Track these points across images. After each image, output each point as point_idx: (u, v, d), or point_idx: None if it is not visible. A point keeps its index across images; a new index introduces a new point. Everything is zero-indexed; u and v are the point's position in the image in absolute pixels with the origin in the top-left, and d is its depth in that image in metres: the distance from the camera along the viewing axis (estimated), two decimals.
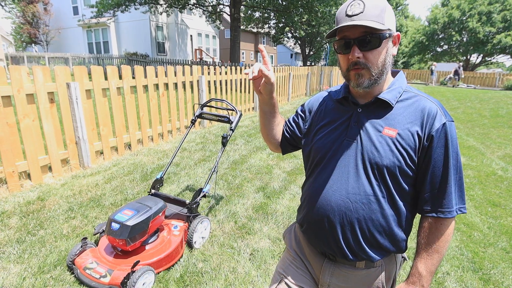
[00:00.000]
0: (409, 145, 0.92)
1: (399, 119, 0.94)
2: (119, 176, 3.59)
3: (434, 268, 0.95)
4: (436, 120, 0.91)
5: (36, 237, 2.39)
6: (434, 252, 0.94)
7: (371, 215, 0.95)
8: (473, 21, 27.19)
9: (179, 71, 5.29)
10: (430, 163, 0.92)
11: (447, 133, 0.91)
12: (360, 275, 1.03)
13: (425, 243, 0.95)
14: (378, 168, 0.93)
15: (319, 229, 1.03)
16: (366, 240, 0.97)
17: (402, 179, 0.94)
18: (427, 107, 0.93)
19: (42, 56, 19.65)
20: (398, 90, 0.98)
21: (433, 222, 0.95)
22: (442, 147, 0.91)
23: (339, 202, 0.97)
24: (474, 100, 13.02)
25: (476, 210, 3.48)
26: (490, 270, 2.43)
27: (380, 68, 0.92)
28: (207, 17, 19.45)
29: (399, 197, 0.95)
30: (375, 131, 0.95)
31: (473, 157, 5.46)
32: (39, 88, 3.24)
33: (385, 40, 0.90)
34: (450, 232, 0.94)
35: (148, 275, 1.92)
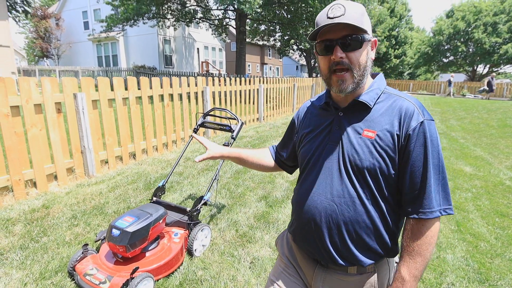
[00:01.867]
0: (388, 146, 0.92)
1: (378, 120, 0.95)
2: (122, 185, 3.62)
3: (418, 273, 0.91)
4: (413, 119, 0.90)
5: (39, 244, 2.41)
6: (416, 255, 0.90)
7: (356, 217, 0.94)
8: (479, 32, 27.19)
9: (184, 82, 5.38)
10: (409, 163, 0.91)
11: (425, 132, 0.90)
12: (353, 281, 1.01)
13: (407, 246, 0.93)
14: (359, 170, 0.93)
15: (307, 233, 1.03)
16: (354, 243, 0.97)
17: (384, 180, 0.93)
18: (404, 107, 0.93)
19: (53, 69, 20.18)
20: (376, 92, 0.98)
21: (414, 223, 0.92)
22: (421, 147, 0.90)
23: (325, 205, 0.97)
24: (481, 110, 12.90)
25: (483, 221, 3.42)
26: (497, 282, 2.37)
27: (362, 69, 0.93)
28: (214, 30, 19.85)
29: (382, 199, 0.95)
30: (355, 133, 0.96)
31: (480, 167, 5.39)
32: (47, 98, 3.32)
33: (365, 42, 0.92)
34: (433, 234, 0.91)
35: (147, 282, 1.92)
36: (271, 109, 8.87)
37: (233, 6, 13.02)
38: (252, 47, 34.50)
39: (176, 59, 23.10)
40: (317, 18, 0.95)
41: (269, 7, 15.65)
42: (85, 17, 23.59)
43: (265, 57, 39.80)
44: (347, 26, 0.89)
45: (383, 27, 29.84)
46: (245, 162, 1.31)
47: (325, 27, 0.90)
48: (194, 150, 5.18)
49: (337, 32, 0.90)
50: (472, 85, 23.09)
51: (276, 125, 7.91)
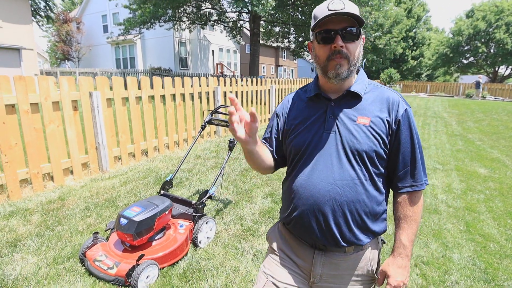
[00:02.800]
0: (381, 130, 1.03)
1: (369, 108, 1.05)
2: (134, 180, 3.75)
3: (414, 237, 1.06)
4: (400, 107, 1.04)
5: (54, 232, 2.55)
6: (412, 222, 1.06)
7: (357, 197, 1.02)
8: (500, 32, 26.34)
9: (196, 82, 5.51)
10: (400, 144, 1.04)
11: (409, 117, 1.05)
12: (350, 260, 1.08)
13: (404, 216, 1.07)
14: (358, 153, 1.01)
15: (310, 219, 1.05)
16: (356, 223, 1.04)
17: (378, 162, 1.04)
18: (390, 97, 1.06)
19: (73, 71, 20.90)
20: (364, 83, 1.09)
21: (408, 196, 1.07)
22: (408, 130, 1.04)
23: (328, 188, 1.02)
24: (501, 112, 12.50)
25: (494, 222, 3.35)
26: (504, 281, 2.33)
27: (356, 59, 1.02)
28: (228, 32, 20.06)
29: (377, 178, 1.05)
30: (350, 121, 1.03)
31: (496, 169, 5.25)
32: (64, 96, 3.49)
33: (361, 35, 1.02)
34: (422, 202, 1.09)
35: (152, 269, 2.01)
36: None
37: (247, 8, 13.15)
38: (266, 49, 34.61)
39: (191, 61, 23.46)
40: (315, 11, 1.02)
41: (283, 8, 15.70)
42: (104, 21, 24.32)
43: (280, 59, 39.81)
44: (347, 18, 0.97)
45: (400, 27, 29.32)
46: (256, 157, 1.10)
47: (329, 17, 0.96)
48: (204, 149, 5.29)
49: (338, 23, 0.98)
50: (493, 87, 22.36)
51: None
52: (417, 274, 2.38)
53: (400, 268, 1.05)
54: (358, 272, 1.09)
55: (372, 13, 14.93)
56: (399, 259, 1.05)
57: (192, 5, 16.42)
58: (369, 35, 17.32)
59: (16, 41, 12.97)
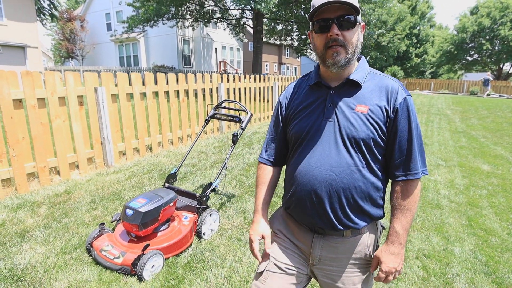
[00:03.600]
0: (379, 118, 1.04)
1: (368, 96, 1.06)
2: (139, 174, 3.80)
3: (408, 226, 1.06)
4: (398, 95, 1.05)
5: (61, 224, 2.61)
6: (407, 211, 1.06)
7: (354, 183, 1.04)
8: (505, 29, 26.11)
9: (199, 78, 5.54)
10: (397, 133, 1.05)
11: (408, 105, 1.04)
12: (348, 243, 1.11)
13: (399, 205, 1.07)
14: (355, 141, 1.03)
15: (307, 204, 1.10)
16: (351, 208, 1.07)
17: (376, 149, 1.05)
18: (390, 85, 1.07)
19: (77, 69, 21.03)
20: (364, 72, 1.10)
21: (403, 184, 1.07)
22: (406, 118, 1.04)
23: (325, 175, 1.05)
24: (505, 109, 12.43)
25: (496, 217, 3.36)
26: (505, 274, 2.35)
27: (353, 47, 1.03)
28: (231, 30, 20.06)
29: (375, 165, 1.07)
30: (349, 109, 1.05)
31: (499, 165, 5.25)
32: (70, 91, 3.54)
33: (357, 23, 1.02)
34: (418, 192, 1.07)
35: (157, 259, 2.05)
36: None
37: (250, 5, 13.15)
38: (269, 46, 34.55)
39: (195, 58, 23.50)
40: (313, 0, 1.04)
41: (286, 6, 15.68)
42: (108, 19, 24.41)
43: (283, 57, 39.74)
44: (343, 6, 0.98)
45: (403, 25, 29.13)
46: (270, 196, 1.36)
47: (324, 6, 0.99)
48: (208, 144, 5.33)
49: (333, 12, 0.99)
50: (497, 84, 22.19)
51: None
52: (418, 266, 2.40)
53: (393, 255, 1.06)
54: (356, 255, 1.11)
55: (375, 10, 14.86)
56: (392, 246, 1.06)
57: (195, 2, 16.45)
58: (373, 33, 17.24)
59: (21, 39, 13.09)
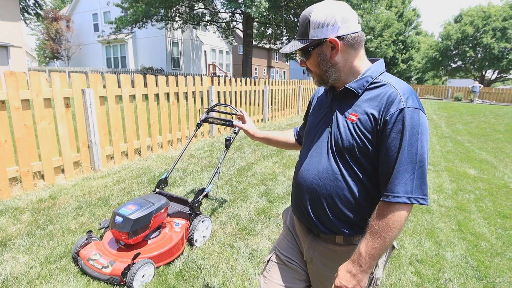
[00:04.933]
0: (366, 129, 0.97)
1: (362, 105, 1.00)
2: (127, 179, 3.70)
3: (374, 252, 0.93)
4: (393, 106, 0.93)
5: (45, 231, 2.49)
6: (376, 236, 0.93)
7: (337, 191, 1.02)
8: (488, 37, 26.96)
9: (190, 81, 5.47)
10: (383, 147, 0.95)
11: (404, 119, 0.91)
12: (340, 251, 1.09)
13: (370, 225, 0.96)
14: (339, 149, 1.02)
15: (298, 205, 1.16)
16: (334, 215, 1.05)
17: (364, 160, 0.99)
18: (388, 93, 0.96)
19: (63, 70, 20.55)
20: (367, 79, 1.02)
21: (380, 205, 0.95)
22: (398, 133, 0.92)
23: (311, 179, 1.08)
24: (488, 115, 12.79)
25: (484, 221, 3.41)
26: (496, 279, 2.37)
27: (318, 71, 1.06)
28: (221, 33, 20.02)
29: (364, 176, 1.00)
30: (342, 117, 1.04)
31: (484, 170, 5.36)
32: (56, 93, 3.43)
33: (312, 51, 1.03)
34: (396, 219, 0.91)
35: (148, 268, 1.98)
36: (276, 111, 8.92)
37: (240, 9, 13.14)
38: (259, 50, 34.66)
39: (184, 61, 23.33)
40: None
41: (276, 10, 15.75)
42: (95, 19, 23.99)
43: (272, 61, 39.92)
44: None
45: (390, 31, 29.74)
46: (271, 141, 1.52)
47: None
48: (198, 148, 5.25)
49: None
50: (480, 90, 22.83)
51: (281, 126, 7.96)
52: (412, 272, 2.40)
53: (349, 274, 0.96)
54: None
55: (364, 16, 15.09)
56: (351, 264, 0.97)
57: (185, 5, 16.34)
58: None
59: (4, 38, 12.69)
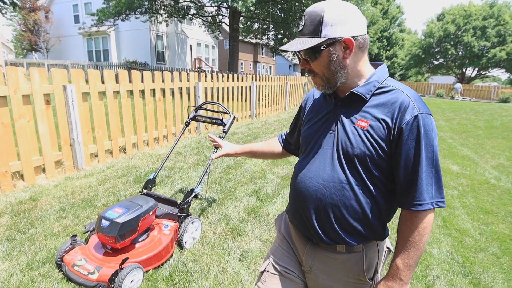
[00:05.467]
0: (379, 136, 0.94)
1: (372, 111, 0.97)
2: (112, 178, 3.59)
3: (412, 262, 0.94)
4: (407, 113, 0.91)
5: (26, 236, 2.38)
6: (410, 246, 0.93)
7: (344, 201, 0.98)
8: (468, 35, 27.73)
9: (176, 76, 5.35)
10: (401, 156, 0.93)
11: (419, 125, 0.90)
12: (341, 259, 1.06)
13: (401, 237, 0.96)
14: (349, 157, 0.97)
15: (298, 213, 1.11)
16: (340, 225, 1.01)
17: (374, 169, 0.96)
18: (400, 100, 0.93)
19: (41, 63, 19.77)
20: (374, 84, 0.99)
21: (408, 215, 0.95)
22: (413, 140, 0.91)
23: (315, 188, 1.02)
24: (469, 112, 13.17)
25: (468, 217, 3.50)
26: (480, 274, 2.43)
27: (327, 74, 0.98)
28: (207, 27, 19.73)
29: (373, 186, 0.97)
30: (350, 123, 0.99)
31: (466, 166, 5.51)
32: (36, 89, 3.27)
33: (324, 50, 0.95)
34: (426, 226, 0.93)
35: (137, 273, 1.91)
36: (263, 107, 8.88)
37: (227, 3, 12.97)
38: (245, 45, 34.41)
39: (169, 55, 22.90)
40: None
41: (263, 5, 15.63)
42: (75, 11, 23.16)
43: (258, 56, 39.74)
44: None
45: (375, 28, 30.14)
46: (256, 154, 1.45)
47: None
48: (185, 146, 5.16)
49: None
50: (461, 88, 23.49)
51: (268, 123, 7.93)
52: None
53: None
54: (349, 274, 1.06)
55: None
56: (390, 280, 0.96)
57: None
58: None
59: None
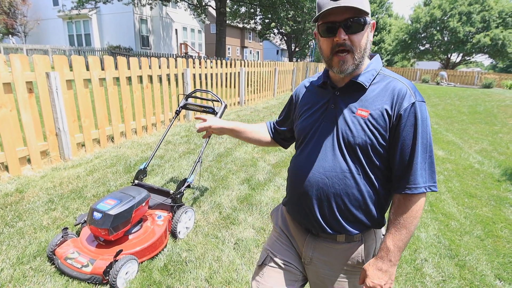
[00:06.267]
0: (380, 125, 0.96)
1: (371, 100, 0.99)
2: (101, 168, 3.52)
3: (402, 244, 0.97)
4: (405, 100, 0.94)
5: (14, 229, 2.32)
6: (402, 228, 0.96)
7: (346, 190, 1.00)
8: (454, 21, 27.96)
9: (164, 63, 5.22)
10: (399, 141, 0.96)
11: (416, 112, 0.94)
12: (341, 249, 1.08)
13: (394, 219, 0.99)
14: (351, 146, 0.98)
15: (299, 205, 1.10)
16: (342, 214, 1.03)
17: (375, 157, 0.99)
18: (397, 88, 0.97)
19: (20, 47, 18.93)
20: (372, 73, 1.01)
21: (401, 198, 0.98)
22: (411, 126, 0.94)
23: (317, 178, 1.03)
24: (453, 97, 13.43)
25: (453, 201, 3.61)
26: (466, 257, 2.53)
27: (362, 51, 0.96)
28: (192, 10, 19.20)
29: (373, 174, 1.00)
30: (350, 112, 1.00)
31: (451, 151, 5.65)
32: (17, 77, 3.13)
33: (367, 24, 0.95)
34: (418, 209, 0.96)
35: (131, 264, 1.90)
36: (252, 93, 8.81)
37: None
38: (232, 29, 33.79)
39: (154, 40, 22.26)
40: (318, 1, 0.96)
41: None
42: None
43: (245, 40, 39.16)
44: (350, 8, 0.90)
45: None
46: (241, 135, 1.36)
47: (329, 10, 0.91)
48: (175, 134, 5.09)
49: (340, 14, 0.92)
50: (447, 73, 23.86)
51: (257, 109, 7.89)
52: None
53: (380, 271, 0.98)
54: (349, 262, 1.09)
55: None
56: (380, 261, 0.99)
57: None
58: None
59: None
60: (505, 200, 3.72)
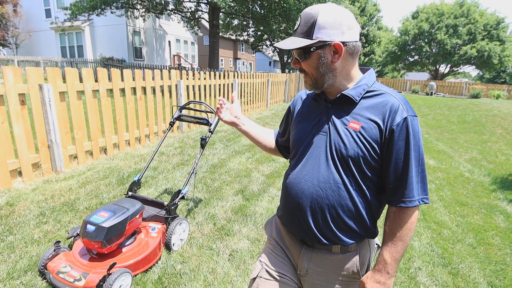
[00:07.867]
0: (371, 138, 0.98)
1: (363, 113, 1.01)
2: (94, 180, 3.49)
3: (398, 256, 1.00)
4: (397, 115, 0.97)
5: (4, 243, 2.27)
6: (398, 240, 0.99)
7: (340, 201, 1.02)
8: (441, 33, 28.75)
9: (157, 75, 5.25)
10: (392, 156, 0.98)
11: (408, 127, 0.96)
12: (336, 259, 1.09)
13: (389, 232, 1.02)
14: (343, 158, 1.00)
15: (294, 217, 1.11)
16: (336, 225, 1.04)
17: (367, 169, 1.01)
18: (390, 103, 0.99)
19: (11, 59, 18.80)
20: (363, 87, 1.04)
21: (397, 211, 1.01)
22: (403, 140, 0.97)
23: (311, 190, 1.04)
24: (443, 107, 13.69)
25: (445, 210, 3.66)
26: (458, 265, 2.56)
27: (315, 74, 1.02)
28: (186, 23, 19.39)
29: (365, 186, 1.02)
30: (342, 124, 1.03)
31: (442, 160, 5.74)
32: (9, 89, 3.11)
33: (314, 52, 0.99)
34: (413, 221, 0.99)
35: (125, 278, 1.88)
36: (245, 104, 8.86)
37: None
38: (225, 41, 34.14)
39: (147, 51, 22.35)
40: None
41: (243, 1, 15.53)
42: (46, 4, 22.09)
43: (238, 52, 39.55)
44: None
45: None
46: (250, 137, 1.41)
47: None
48: (168, 145, 5.08)
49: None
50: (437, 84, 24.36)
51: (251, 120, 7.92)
52: None
53: (378, 284, 1.01)
54: (344, 272, 1.10)
55: None
56: (378, 274, 1.01)
57: None
58: None
59: None
60: (495, 208, 3.79)
